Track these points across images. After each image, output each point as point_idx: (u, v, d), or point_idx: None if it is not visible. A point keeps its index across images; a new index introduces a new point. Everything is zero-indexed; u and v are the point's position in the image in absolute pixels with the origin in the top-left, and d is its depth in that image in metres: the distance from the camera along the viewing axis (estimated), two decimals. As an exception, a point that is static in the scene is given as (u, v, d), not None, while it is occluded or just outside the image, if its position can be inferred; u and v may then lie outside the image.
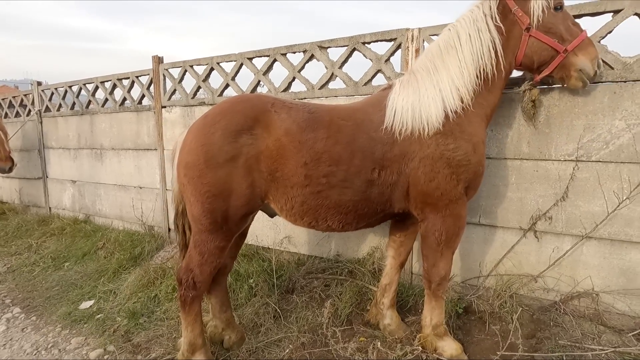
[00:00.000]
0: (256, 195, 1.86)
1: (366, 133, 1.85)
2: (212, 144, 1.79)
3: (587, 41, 1.86)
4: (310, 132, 1.82)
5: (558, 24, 1.83)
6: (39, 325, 2.73)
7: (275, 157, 1.81)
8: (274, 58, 3.11)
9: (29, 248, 4.21)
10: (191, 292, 1.93)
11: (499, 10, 1.85)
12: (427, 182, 1.83)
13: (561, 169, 2.20)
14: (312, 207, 1.87)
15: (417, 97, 1.85)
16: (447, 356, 2.02)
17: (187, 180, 1.87)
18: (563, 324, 2.15)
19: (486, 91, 1.88)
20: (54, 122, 5.06)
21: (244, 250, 3.25)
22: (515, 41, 1.87)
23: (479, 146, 1.87)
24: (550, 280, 2.30)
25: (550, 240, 2.28)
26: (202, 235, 1.88)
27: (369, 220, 1.99)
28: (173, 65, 3.76)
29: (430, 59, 1.91)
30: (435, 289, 2.00)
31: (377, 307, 2.33)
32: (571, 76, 1.88)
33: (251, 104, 1.89)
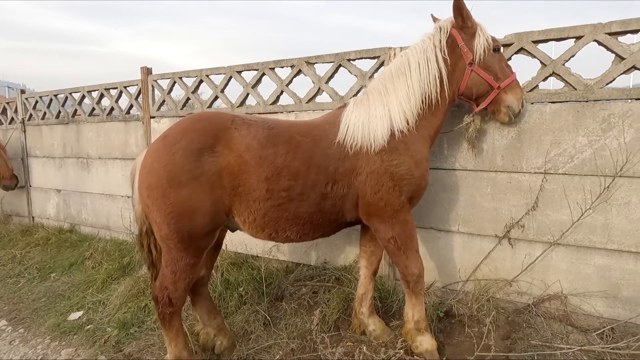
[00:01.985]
0: (220, 210, 1.92)
1: (322, 149, 1.97)
2: (174, 164, 1.83)
3: (515, 82, 2.12)
4: (271, 147, 1.91)
5: (495, 64, 2.08)
6: (27, 338, 2.73)
7: (237, 172, 1.88)
8: (262, 72, 3.21)
9: (12, 259, 4.15)
10: (168, 309, 1.98)
11: (448, 44, 2.06)
12: (372, 194, 1.97)
13: (532, 181, 2.37)
14: (272, 219, 1.96)
15: (367, 115, 2.00)
16: (422, 350, 2.15)
17: (151, 202, 1.90)
18: (535, 325, 2.31)
19: (430, 115, 2.07)
20: (39, 130, 5.01)
21: (233, 259, 3.32)
22: (460, 73, 2.09)
23: (422, 162, 2.04)
24: (523, 284, 2.46)
25: (523, 246, 2.45)
26: (171, 254, 1.92)
27: (324, 230, 2.12)
28: (162, 76, 3.81)
29: (383, 82, 2.09)
30: (414, 287, 2.13)
31: (358, 318, 2.43)
32: (501, 111, 2.14)
33: (211, 121, 1.95)
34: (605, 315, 2.27)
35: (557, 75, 2.28)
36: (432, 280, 2.74)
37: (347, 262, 3.02)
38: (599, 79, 2.18)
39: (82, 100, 4.54)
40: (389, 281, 2.87)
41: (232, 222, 2.07)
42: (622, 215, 2.17)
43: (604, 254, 2.24)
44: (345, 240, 3.04)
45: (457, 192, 2.59)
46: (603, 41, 2.15)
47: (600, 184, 2.19)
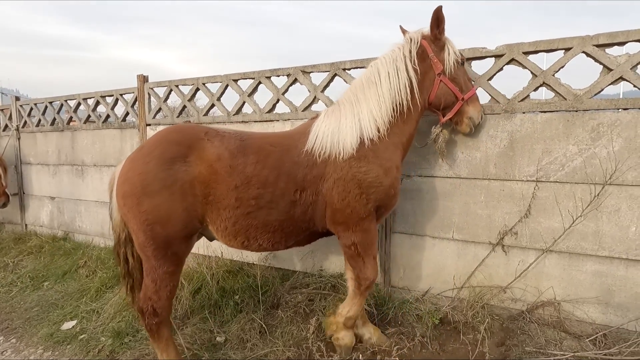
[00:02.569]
0: (193, 218, 1.96)
1: (291, 158, 2.02)
2: (148, 173, 1.89)
3: (476, 96, 2.27)
4: (241, 157, 1.97)
5: (460, 76, 2.19)
6: (20, 348, 2.70)
7: (208, 181, 1.93)
8: (258, 80, 3.24)
9: (5, 267, 4.10)
10: (154, 319, 2.01)
11: (418, 54, 2.13)
12: (339, 201, 2.01)
13: (524, 189, 2.41)
14: (243, 227, 2.00)
15: (338, 124, 2.05)
16: (342, 343, 2.26)
17: (127, 210, 1.95)
18: (529, 332, 2.33)
19: (402, 122, 2.12)
20: (33, 137, 4.99)
21: (229, 267, 3.32)
22: (429, 83, 2.16)
23: (392, 170, 2.07)
24: (517, 291, 2.49)
25: (516, 253, 2.48)
26: (150, 262, 1.97)
27: (297, 238, 2.15)
28: (158, 84, 3.83)
29: (354, 92, 2.14)
30: (364, 291, 2.19)
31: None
32: (463, 122, 2.26)
33: (184, 133, 2.03)
34: (597, 321, 2.29)
35: (548, 85, 2.33)
36: (427, 287, 2.76)
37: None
38: (588, 89, 2.24)
39: (77, 108, 4.53)
40: (385, 288, 2.88)
41: (208, 230, 2.10)
42: (612, 223, 2.22)
43: (596, 260, 2.28)
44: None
45: (451, 200, 2.63)
46: (591, 53, 2.21)
47: (591, 191, 2.24)
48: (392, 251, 2.85)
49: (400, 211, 2.80)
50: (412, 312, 2.65)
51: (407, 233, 2.79)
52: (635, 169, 2.14)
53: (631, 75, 2.13)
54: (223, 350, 2.46)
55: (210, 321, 2.72)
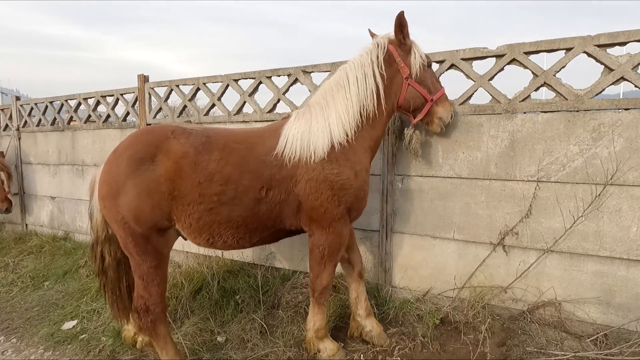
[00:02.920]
0: (160, 216, 2.01)
1: (257, 156, 2.05)
2: (120, 174, 1.98)
3: (445, 96, 2.29)
4: (205, 154, 2.01)
5: (427, 79, 2.23)
6: (20, 348, 2.70)
7: (173, 178, 1.98)
8: (259, 80, 3.24)
9: (5, 267, 4.10)
10: (148, 317, 2.05)
11: (385, 59, 2.15)
12: (313, 201, 2.05)
13: (525, 189, 2.41)
14: (207, 223, 2.03)
15: (308, 128, 2.08)
16: (325, 356, 2.25)
17: (107, 211, 2.05)
18: (530, 332, 2.33)
19: (369, 127, 2.16)
20: (33, 137, 4.99)
21: (229, 267, 3.32)
22: (397, 87, 2.19)
23: (361, 173, 2.11)
24: (518, 291, 2.49)
25: (517, 254, 2.48)
26: (134, 259, 2.04)
27: (262, 235, 2.17)
28: (159, 84, 3.82)
29: (323, 95, 2.17)
30: (318, 297, 2.22)
31: (356, 320, 2.47)
32: (433, 122, 2.29)
33: (153, 134, 2.08)
34: (598, 321, 2.29)
35: (549, 85, 2.33)
36: (428, 287, 2.76)
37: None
38: (589, 89, 2.24)
39: (78, 107, 4.53)
40: (385, 287, 2.88)
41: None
42: (613, 223, 2.21)
43: (597, 260, 2.28)
44: (342, 247, 3.05)
45: (452, 200, 2.62)
46: (592, 53, 2.21)
47: (592, 192, 2.24)
48: (393, 251, 2.85)
49: (402, 211, 2.80)
50: (413, 312, 2.65)
51: (408, 233, 2.79)
52: (636, 169, 2.14)
53: (632, 76, 2.13)
54: (224, 350, 2.46)
55: (211, 321, 2.72)
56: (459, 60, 2.53)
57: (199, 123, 3.59)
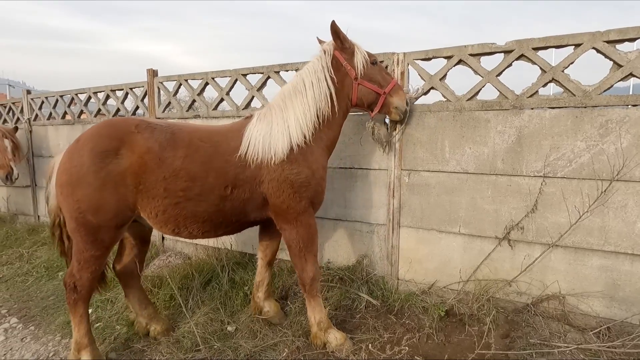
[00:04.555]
0: (124, 207, 2.09)
1: (222, 155, 2.13)
2: (82, 165, 2.02)
3: (397, 86, 2.41)
4: (170, 150, 2.08)
5: (376, 74, 2.35)
6: (38, 335, 2.80)
7: (138, 172, 2.05)
8: (267, 75, 3.27)
9: (20, 257, 4.21)
10: (73, 295, 2.18)
11: (333, 64, 2.29)
12: (276, 198, 2.19)
13: (531, 184, 2.43)
14: (172, 216, 2.13)
15: (269, 130, 2.18)
16: (334, 347, 2.32)
17: (63, 198, 2.10)
18: (534, 324, 2.38)
19: (326, 128, 2.29)
20: (44, 130, 5.07)
21: (238, 259, 3.39)
22: (348, 88, 2.32)
23: (319, 171, 2.26)
24: (522, 285, 2.53)
25: (522, 248, 2.51)
26: (78, 246, 2.12)
27: (226, 228, 2.30)
28: (168, 78, 3.87)
29: (283, 99, 2.29)
30: (310, 289, 2.32)
31: (255, 301, 2.69)
32: (391, 112, 2.42)
33: (115, 127, 2.13)
34: (602, 315, 2.33)
35: (557, 81, 2.34)
36: (433, 280, 2.81)
37: (350, 263, 3.09)
38: (597, 85, 2.24)
39: (88, 101, 4.59)
40: (391, 280, 2.93)
41: (142, 218, 2.22)
42: (618, 218, 2.24)
43: (601, 255, 2.31)
44: (349, 241, 3.10)
45: (458, 195, 2.66)
46: (601, 49, 2.21)
47: (598, 187, 2.26)
48: (399, 244, 2.90)
49: (408, 205, 2.84)
50: (418, 304, 2.71)
51: (414, 227, 2.83)
52: (643, 166, 2.16)
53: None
54: (234, 339, 2.53)
55: (221, 311, 2.79)
56: (467, 56, 2.54)
57: (207, 117, 3.64)
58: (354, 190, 3.03)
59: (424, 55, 2.68)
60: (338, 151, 3.04)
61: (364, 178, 2.98)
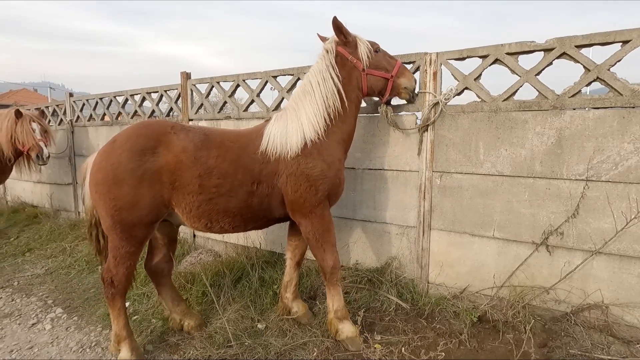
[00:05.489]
0: (160, 203, 2.19)
1: (248, 154, 2.27)
2: (119, 163, 2.11)
3: (402, 67, 2.50)
4: (204, 150, 2.21)
5: (381, 60, 2.43)
6: (81, 325, 2.96)
7: (174, 170, 2.16)
8: (297, 77, 3.30)
9: (63, 251, 4.47)
10: (111, 289, 2.28)
11: (338, 61, 2.37)
12: (293, 193, 2.27)
13: (572, 188, 2.33)
14: (206, 211, 2.24)
15: (285, 128, 2.30)
16: (344, 337, 2.39)
17: (98, 196, 2.17)
18: (574, 334, 2.28)
19: (340, 122, 2.37)
20: (85, 131, 5.35)
21: (267, 257, 3.45)
22: (358, 80, 2.40)
23: (335, 163, 2.33)
24: (561, 292, 2.43)
25: (561, 254, 2.41)
26: (114, 242, 2.21)
27: (255, 223, 2.43)
28: (200, 81, 3.98)
29: (295, 100, 2.40)
30: (330, 278, 2.40)
31: (283, 301, 2.74)
32: (401, 93, 2.52)
33: (152, 128, 2.24)
34: (649, 327, 2.20)
35: (602, 80, 2.22)
36: (465, 284, 2.75)
37: (379, 265, 3.07)
38: (647, 84, 2.12)
39: (125, 103, 4.80)
40: (421, 283, 2.89)
41: (174, 216, 2.33)
42: (670, 225, 2.10)
43: (650, 264, 2.18)
44: (378, 242, 3.09)
45: (493, 198, 2.58)
46: (652, 45, 2.08)
47: (647, 192, 2.13)
48: (430, 247, 2.85)
49: (439, 208, 2.79)
50: (449, 308, 2.66)
51: (446, 230, 2.78)
52: (698, 169, 2.02)
53: (698, 69, 1.99)
54: (264, 337, 2.58)
55: (251, 309, 2.85)
56: (504, 55, 2.47)
57: (238, 118, 3.72)
58: (384, 192, 3.01)
59: (457, 55, 2.63)
60: (368, 152, 3.03)
61: (394, 179, 2.96)
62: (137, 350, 2.36)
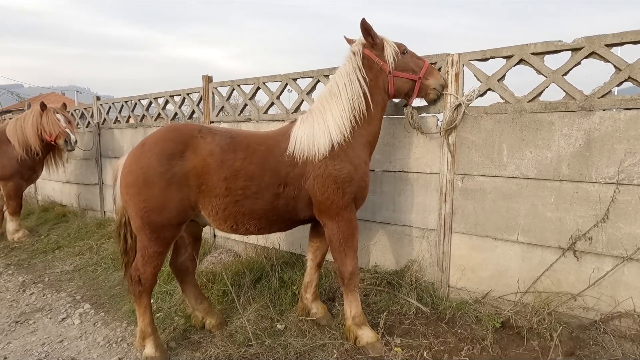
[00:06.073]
0: (187, 206, 2.23)
1: (275, 156, 2.28)
2: (149, 167, 2.16)
3: (430, 68, 2.50)
4: (231, 153, 2.23)
5: (408, 62, 2.43)
6: (108, 321, 3.06)
7: (201, 173, 2.19)
8: (317, 79, 3.32)
9: (90, 249, 4.64)
10: (138, 287, 2.34)
11: (365, 63, 2.37)
12: (320, 195, 2.26)
13: (602, 191, 2.25)
14: (232, 213, 2.27)
15: (312, 130, 2.30)
16: (364, 343, 2.36)
17: (129, 198, 2.23)
18: (603, 343, 2.20)
19: (366, 124, 2.36)
20: (111, 133, 5.54)
21: (286, 258, 3.47)
22: (384, 82, 2.40)
23: (361, 166, 2.33)
24: (589, 300, 2.35)
25: (590, 260, 2.33)
26: (143, 242, 2.27)
27: (280, 225, 2.44)
28: (222, 84, 4.06)
29: (321, 102, 2.40)
30: (348, 284, 2.38)
31: (303, 302, 2.75)
32: (429, 93, 2.53)
33: (180, 132, 2.28)
34: (686, 338, 2.10)
35: (634, 80, 2.14)
36: (487, 289, 2.69)
37: (398, 267, 3.05)
38: (684, 83, 2.03)
39: (149, 106, 4.95)
40: (442, 287, 2.85)
41: (201, 217, 2.37)
42: None
43: (686, 272, 2.08)
44: (397, 245, 3.07)
45: (517, 201, 2.53)
46: (689, 43, 1.99)
47: (683, 196, 2.04)
48: (451, 251, 2.81)
49: (461, 211, 2.74)
50: (471, 313, 2.61)
51: (468, 233, 2.73)
52: None
53: None
54: (284, 337, 2.60)
55: (271, 309, 2.88)
56: (529, 55, 2.41)
57: (258, 121, 3.77)
58: (404, 194, 2.99)
59: (480, 56, 2.59)
60: (387, 154, 3.02)
61: (414, 182, 2.93)
62: (161, 346, 2.42)
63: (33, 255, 4.63)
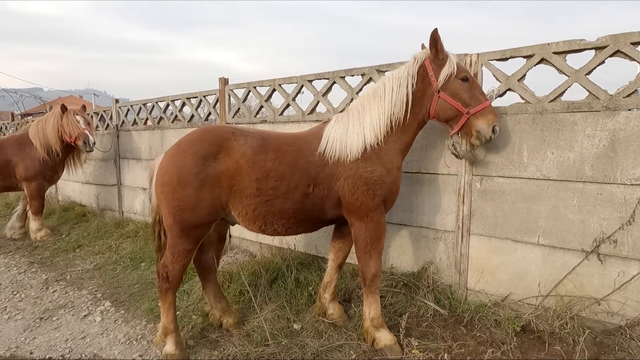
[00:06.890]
0: (218, 206, 2.29)
1: (305, 157, 2.29)
2: (184, 167, 2.22)
3: (489, 109, 2.27)
4: (262, 154, 2.26)
5: (463, 91, 2.27)
6: (128, 318, 3.13)
7: (233, 174, 2.24)
8: (333, 80, 3.33)
9: (109, 248, 4.74)
10: (165, 284, 2.39)
11: (419, 73, 2.31)
12: (350, 195, 2.27)
13: (627, 193, 2.20)
14: (261, 213, 2.30)
15: (345, 131, 2.29)
16: (382, 345, 2.36)
17: (163, 196, 2.29)
18: (629, 349, 2.14)
19: (400, 132, 2.33)
20: (129, 135, 5.66)
21: (302, 259, 3.49)
22: (429, 98, 2.32)
23: (393, 170, 2.32)
24: (614, 304, 2.29)
25: (615, 263, 2.27)
26: (173, 239, 2.33)
27: (307, 225, 2.46)
28: (237, 86, 4.11)
29: (362, 102, 2.37)
30: (369, 285, 2.38)
31: (321, 301, 2.76)
32: (472, 134, 2.32)
33: (215, 134, 2.33)
34: None
35: (662, 79, 2.09)
36: (507, 292, 2.65)
37: (415, 269, 3.03)
38: None
39: (166, 108, 5.04)
40: (460, 289, 2.82)
41: (230, 216, 2.41)
42: None
43: None
44: (414, 246, 3.05)
45: (537, 203, 2.48)
46: None
47: None
48: (469, 253, 2.78)
49: (479, 212, 2.71)
50: (489, 316, 2.58)
51: (486, 235, 2.70)
52: None
53: None
54: (300, 337, 2.61)
55: (287, 309, 2.90)
56: (551, 54, 2.37)
57: (274, 122, 3.80)
58: (421, 195, 2.97)
59: (500, 56, 2.56)
60: (404, 155, 3.00)
61: (431, 183, 2.91)
62: (181, 344, 2.46)
63: (55, 254, 4.76)
